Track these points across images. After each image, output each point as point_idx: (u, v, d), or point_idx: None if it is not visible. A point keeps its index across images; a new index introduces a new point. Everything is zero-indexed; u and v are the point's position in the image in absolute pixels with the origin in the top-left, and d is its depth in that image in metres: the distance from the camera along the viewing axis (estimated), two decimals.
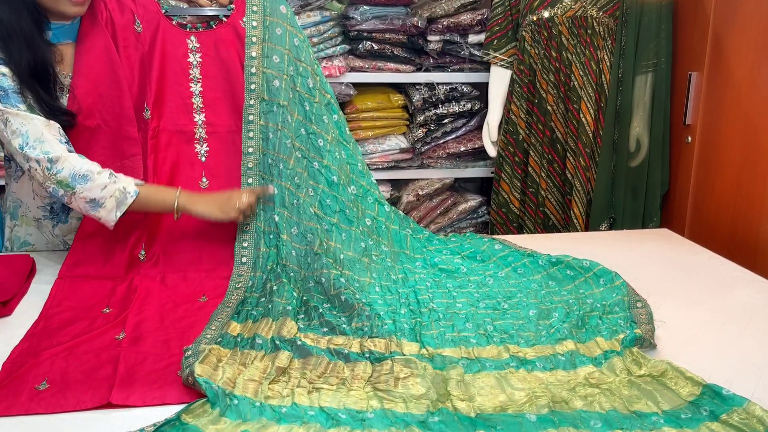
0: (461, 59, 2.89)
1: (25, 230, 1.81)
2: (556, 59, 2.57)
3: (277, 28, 1.79)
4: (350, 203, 1.79)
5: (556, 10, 2.53)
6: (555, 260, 1.74)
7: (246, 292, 1.59)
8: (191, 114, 1.78)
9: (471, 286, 1.69)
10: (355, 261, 1.71)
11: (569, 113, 2.59)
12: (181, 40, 1.77)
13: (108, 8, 1.70)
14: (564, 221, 2.69)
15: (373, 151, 2.90)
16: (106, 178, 1.57)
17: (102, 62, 1.68)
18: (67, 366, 1.28)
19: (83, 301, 1.55)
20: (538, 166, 2.68)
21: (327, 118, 1.82)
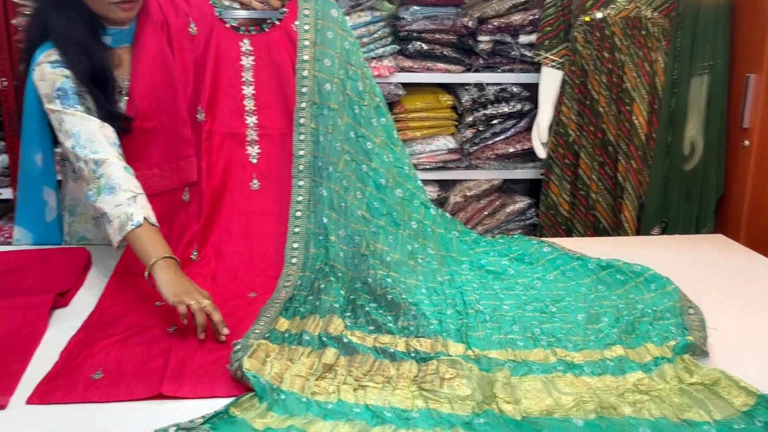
0: (511, 60, 2.87)
1: (83, 227, 1.86)
2: (609, 60, 2.53)
3: (328, 31, 1.80)
4: (397, 206, 1.80)
5: (609, 11, 2.49)
6: (605, 264, 1.72)
7: (294, 290, 1.61)
8: (243, 116, 1.81)
9: (518, 288, 1.67)
10: (401, 263, 1.71)
11: (621, 115, 2.55)
12: (234, 43, 1.79)
13: (163, 11, 1.73)
14: (614, 225, 2.65)
15: (420, 152, 2.90)
16: (124, 198, 1.52)
17: (158, 65, 1.71)
18: (121, 357, 1.32)
19: (136, 294, 1.59)
20: (588, 168, 2.64)
21: (376, 121, 1.83)
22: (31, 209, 1.80)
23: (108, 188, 1.53)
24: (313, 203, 1.76)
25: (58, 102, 1.59)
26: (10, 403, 1.19)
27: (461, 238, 1.87)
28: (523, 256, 1.81)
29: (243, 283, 1.66)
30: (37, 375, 1.26)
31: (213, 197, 1.77)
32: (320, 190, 1.76)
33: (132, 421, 1.16)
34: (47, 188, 1.77)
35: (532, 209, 3.02)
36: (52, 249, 1.77)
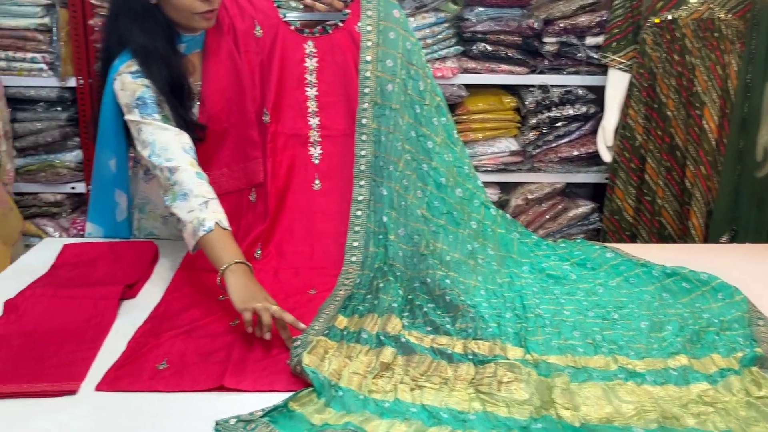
0: (577, 61, 2.83)
1: (152, 224, 1.92)
2: (679, 63, 2.47)
3: (390, 32, 1.81)
4: (457, 205, 1.79)
5: (680, 12, 2.43)
6: (670, 271, 1.68)
7: (353, 288, 1.62)
8: (306, 118, 1.83)
9: (580, 293, 1.65)
10: (461, 263, 1.70)
11: (691, 119, 2.48)
12: (298, 45, 1.82)
13: (230, 14, 1.77)
14: (681, 232, 2.58)
15: (482, 153, 2.89)
16: (196, 204, 1.54)
17: (226, 68, 1.75)
18: (185, 348, 1.36)
19: (201, 288, 1.63)
20: (655, 174, 2.58)
21: (436, 121, 1.83)
22: (103, 209, 1.86)
23: (181, 195, 1.56)
24: (373, 202, 1.77)
25: (137, 111, 1.62)
26: (80, 389, 1.23)
27: (522, 239, 1.85)
28: (585, 261, 1.78)
29: (303, 281, 1.68)
30: (106, 363, 1.31)
31: (277, 197, 1.80)
32: (380, 190, 1.77)
33: (194, 411, 1.19)
34: (119, 191, 1.83)
35: (596, 214, 2.97)
36: (122, 242, 1.83)
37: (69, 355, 1.32)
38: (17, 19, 2.72)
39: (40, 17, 2.73)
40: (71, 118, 2.86)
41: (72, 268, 1.70)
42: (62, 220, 2.95)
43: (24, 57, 2.77)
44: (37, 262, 1.74)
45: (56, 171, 2.86)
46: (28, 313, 1.45)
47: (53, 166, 2.86)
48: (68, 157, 2.87)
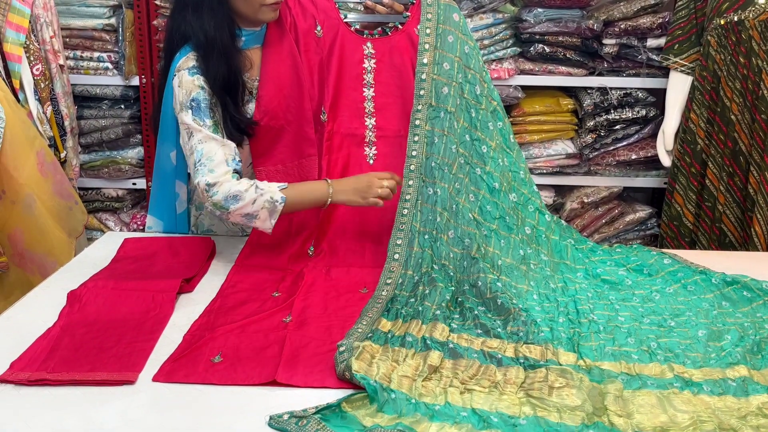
0: (638, 64, 2.78)
1: (209, 221, 1.96)
2: (744, 66, 2.40)
3: (449, 35, 1.81)
4: (510, 210, 1.78)
5: (747, 13, 2.36)
6: (730, 280, 1.64)
7: (396, 289, 1.62)
8: (363, 118, 1.84)
9: (635, 300, 1.62)
10: (513, 268, 1.69)
11: (756, 124, 2.41)
12: (357, 46, 1.83)
13: (292, 13, 1.79)
14: (743, 239, 2.51)
15: (538, 156, 2.86)
16: (253, 193, 1.62)
17: (286, 66, 1.78)
18: (239, 343, 1.38)
19: (256, 284, 1.66)
20: (716, 179, 2.51)
21: (492, 125, 1.82)
22: (163, 201, 1.92)
23: (232, 198, 1.61)
24: (420, 202, 1.77)
25: (190, 113, 1.65)
26: (138, 380, 1.27)
27: (577, 246, 1.83)
28: (642, 267, 1.75)
29: (355, 279, 1.70)
30: (163, 355, 1.34)
31: None
32: (430, 190, 1.77)
33: (247, 404, 1.21)
34: (179, 182, 1.88)
35: (654, 219, 2.91)
36: (181, 237, 1.88)
37: (128, 346, 1.36)
38: (85, 20, 2.82)
39: (107, 18, 2.81)
40: (134, 116, 2.94)
41: (132, 261, 1.75)
42: (123, 215, 3.03)
43: (91, 56, 2.87)
44: (100, 255, 1.79)
45: (119, 167, 2.94)
46: (90, 304, 1.50)
47: (116, 162, 2.94)
48: (130, 153, 2.95)
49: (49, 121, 2.48)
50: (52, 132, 2.49)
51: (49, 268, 2.10)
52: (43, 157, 2.22)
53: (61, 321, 1.44)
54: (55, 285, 1.63)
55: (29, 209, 2.13)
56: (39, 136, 2.28)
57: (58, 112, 2.56)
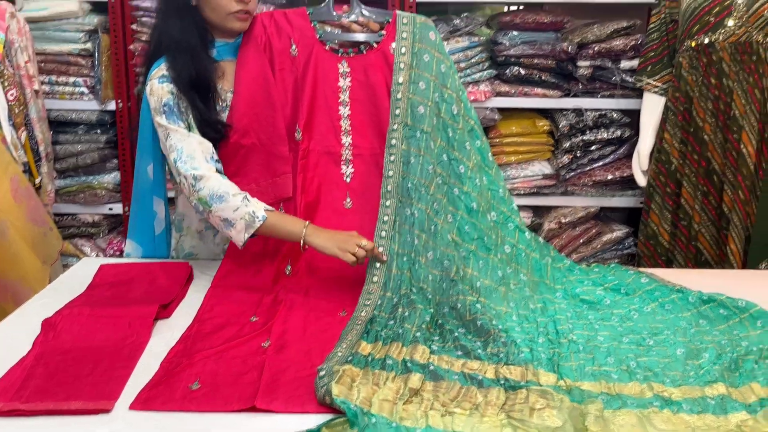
0: (612, 85, 2.82)
1: (189, 242, 1.95)
2: (716, 86, 2.44)
3: (425, 54, 1.82)
4: (489, 230, 1.78)
5: (717, 36, 2.40)
6: (707, 298, 1.65)
7: (375, 310, 1.61)
8: (339, 136, 1.84)
9: (614, 319, 1.63)
10: (492, 290, 1.69)
11: (728, 143, 2.45)
12: (332, 65, 1.84)
13: (267, 32, 1.80)
14: (718, 257, 2.53)
15: (515, 176, 2.88)
16: (239, 201, 1.64)
17: (258, 84, 1.78)
18: (217, 369, 1.37)
19: (233, 308, 1.64)
20: (691, 198, 2.54)
21: (469, 145, 1.83)
22: (142, 221, 1.91)
23: (217, 197, 1.64)
24: (398, 224, 1.77)
25: (164, 117, 1.70)
26: (114, 408, 1.25)
27: (555, 264, 1.84)
28: (620, 287, 1.76)
29: (334, 301, 1.68)
30: (140, 382, 1.32)
31: (307, 214, 1.81)
32: (407, 211, 1.76)
33: (226, 431, 1.19)
34: (157, 198, 1.88)
35: (630, 238, 2.94)
36: (158, 263, 1.86)
37: (104, 373, 1.34)
38: (61, 45, 2.80)
39: (83, 42, 2.81)
40: (110, 141, 2.92)
41: (108, 288, 1.73)
42: (99, 241, 3.00)
43: (66, 81, 2.85)
44: (75, 282, 1.77)
45: (95, 192, 2.92)
46: (65, 332, 1.48)
47: (92, 187, 2.92)
48: (106, 178, 2.93)
49: (23, 147, 2.46)
50: (27, 157, 2.47)
51: (23, 295, 2.06)
52: (17, 182, 2.19)
53: (35, 349, 1.42)
54: (30, 313, 1.61)
55: (3, 236, 2.10)
56: (12, 162, 2.25)
57: (33, 138, 2.54)
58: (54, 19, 2.78)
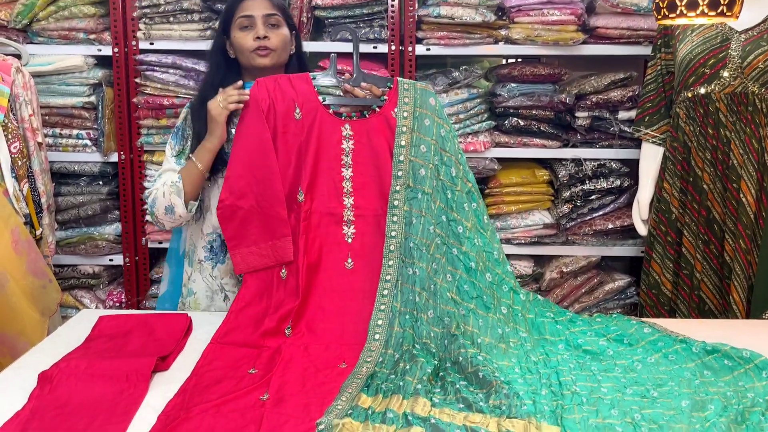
0: (610, 135, 2.84)
1: (193, 277, 1.98)
2: (713, 136, 2.46)
3: (425, 119, 1.86)
4: (487, 290, 1.79)
5: (713, 87, 2.43)
6: (711, 348, 1.63)
7: (376, 366, 1.60)
8: (341, 197, 1.86)
9: (617, 370, 1.61)
10: (492, 346, 1.69)
11: (728, 192, 2.46)
12: (336, 128, 1.87)
13: (271, 96, 1.83)
14: (722, 307, 2.52)
15: (515, 226, 2.88)
16: (159, 186, 1.86)
17: (256, 147, 1.81)
18: (215, 423, 1.34)
19: (232, 361, 1.62)
20: (692, 247, 2.54)
21: (467, 206, 1.85)
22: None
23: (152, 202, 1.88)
24: (401, 282, 1.77)
25: (171, 135, 1.96)
26: None
27: (556, 319, 1.83)
28: (623, 337, 1.74)
29: (334, 354, 1.67)
30: None
31: (309, 274, 1.81)
32: (409, 270, 1.77)
33: None
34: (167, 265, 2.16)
35: (633, 288, 2.92)
36: (157, 314, 1.85)
37: (100, 428, 1.32)
38: (65, 98, 2.84)
39: (87, 96, 2.85)
40: (112, 192, 2.94)
41: (106, 340, 1.72)
42: (99, 292, 2.99)
43: (70, 133, 2.88)
44: (73, 334, 1.76)
45: (96, 243, 2.92)
46: (61, 386, 1.46)
47: (93, 238, 2.92)
48: (107, 229, 2.94)
49: (25, 199, 2.47)
50: (28, 209, 2.48)
51: (20, 349, 2.05)
52: (18, 234, 2.20)
53: (30, 403, 1.40)
54: (26, 366, 1.59)
55: (2, 288, 2.10)
56: (14, 214, 2.26)
57: (35, 189, 2.55)
58: (59, 73, 2.83)
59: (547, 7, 2.76)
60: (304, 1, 2.84)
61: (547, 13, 2.76)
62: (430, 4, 2.78)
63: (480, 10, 2.75)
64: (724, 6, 1.62)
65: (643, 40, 2.81)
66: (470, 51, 2.83)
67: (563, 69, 2.89)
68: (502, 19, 2.83)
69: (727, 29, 2.42)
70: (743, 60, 2.38)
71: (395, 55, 2.82)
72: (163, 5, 2.79)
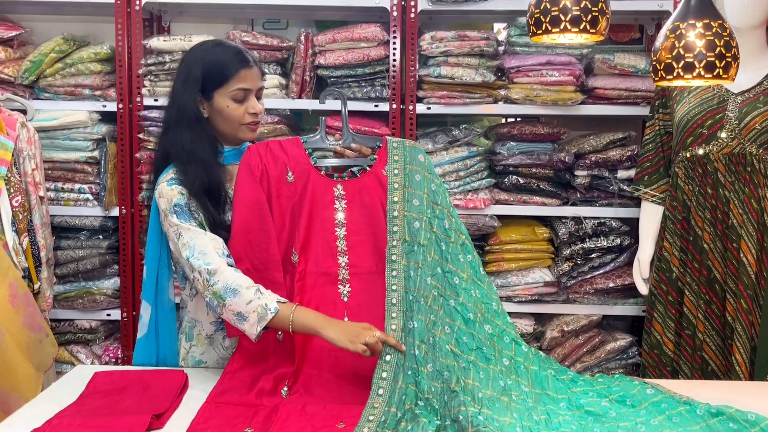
0: (610, 194, 2.86)
1: (199, 350, 1.92)
2: (712, 196, 2.47)
3: (416, 174, 1.88)
4: (487, 341, 1.78)
5: (711, 147, 2.46)
6: (715, 411, 1.60)
7: (378, 426, 1.57)
8: (335, 257, 1.86)
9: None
10: (494, 400, 1.66)
11: (728, 252, 2.46)
12: (328, 189, 1.88)
13: (263, 161, 1.86)
14: (725, 368, 2.49)
15: (516, 284, 2.87)
16: (252, 294, 1.67)
17: (253, 212, 1.82)
18: None
19: (228, 420, 1.59)
20: (694, 307, 2.52)
21: (462, 257, 1.85)
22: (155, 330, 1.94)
23: (231, 291, 1.67)
24: (404, 335, 1.75)
25: (175, 217, 1.76)
26: None
27: (557, 376, 1.80)
28: (625, 398, 1.72)
29: (332, 414, 1.64)
30: None
31: (305, 335, 1.79)
32: (410, 324, 1.76)
33: None
34: (145, 302, 1.91)
35: (635, 348, 2.89)
36: (152, 370, 1.82)
37: None
38: (69, 153, 2.87)
39: (90, 150, 2.87)
40: (111, 246, 2.94)
41: (101, 396, 1.69)
42: (95, 347, 2.96)
43: (72, 188, 2.90)
44: (68, 390, 1.73)
45: (93, 298, 2.91)
46: None
47: (91, 293, 2.91)
48: (106, 284, 2.93)
49: (24, 252, 2.47)
50: (27, 263, 2.47)
51: (12, 405, 2.02)
52: (16, 288, 2.19)
53: None
54: (18, 423, 1.56)
55: None
56: (12, 268, 2.26)
57: (35, 243, 2.55)
58: (64, 128, 2.86)
59: (546, 68, 2.81)
60: (307, 61, 2.89)
61: (546, 74, 2.80)
62: (431, 65, 2.83)
63: (480, 70, 2.80)
64: (720, 69, 1.64)
65: (641, 100, 2.85)
66: (470, 110, 2.87)
67: (562, 128, 2.92)
68: (502, 80, 2.88)
69: (723, 91, 2.46)
70: (740, 121, 2.41)
71: (396, 114, 2.86)
72: (168, 63, 2.84)
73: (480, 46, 2.80)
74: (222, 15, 3.21)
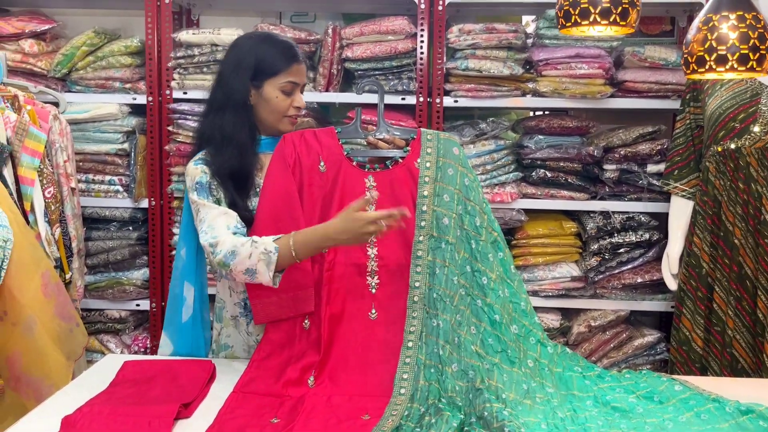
0: (639, 188, 2.83)
1: (226, 332, 1.95)
2: (744, 191, 2.43)
3: (449, 168, 1.87)
4: (512, 343, 1.76)
5: (743, 141, 2.42)
6: (745, 409, 1.58)
7: (401, 419, 1.57)
8: (365, 248, 1.86)
9: (647, 428, 1.56)
10: (517, 402, 1.65)
11: (760, 248, 2.42)
12: (359, 179, 1.88)
13: (297, 150, 1.86)
14: (755, 366, 2.45)
15: (542, 278, 2.85)
16: (249, 247, 1.69)
17: (282, 201, 1.83)
18: None
19: (254, 410, 1.61)
20: (724, 303, 2.49)
21: (492, 256, 1.84)
22: (173, 310, 1.95)
23: (230, 255, 1.70)
24: (425, 334, 1.75)
25: (195, 194, 1.81)
26: None
27: (584, 373, 1.79)
28: (653, 394, 1.70)
29: (357, 406, 1.65)
30: None
31: (332, 325, 1.80)
32: (434, 322, 1.75)
33: None
34: (187, 283, 1.93)
35: (663, 344, 2.86)
36: (181, 360, 1.85)
37: None
38: (100, 145, 2.91)
39: (120, 143, 2.91)
40: (141, 237, 2.97)
41: (130, 385, 1.71)
42: (125, 337, 3.00)
43: (102, 179, 2.94)
44: (98, 379, 1.76)
45: (123, 288, 2.95)
46: (84, 431, 1.46)
47: (121, 283, 2.95)
48: (135, 274, 2.96)
49: (56, 243, 2.51)
50: (59, 253, 2.51)
51: (45, 392, 2.05)
52: (48, 278, 2.22)
53: None
54: (50, 410, 1.59)
55: (30, 331, 2.11)
56: (45, 258, 2.29)
57: (67, 234, 2.60)
58: (95, 121, 2.90)
59: (575, 61, 2.78)
60: (335, 54, 2.89)
61: (575, 66, 2.78)
62: (459, 57, 2.81)
63: (508, 63, 2.78)
64: (754, 61, 1.61)
65: (671, 93, 2.81)
66: (497, 103, 2.85)
67: (591, 122, 2.89)
68: (530, 72, 2.85)
69: (756, 84, 2.42)
70: None
71: (423, 107, 2.85)
72: (197, 56, 2.87)
73: (508, 39, 2.78)
74: (250, 8, 3.23)
